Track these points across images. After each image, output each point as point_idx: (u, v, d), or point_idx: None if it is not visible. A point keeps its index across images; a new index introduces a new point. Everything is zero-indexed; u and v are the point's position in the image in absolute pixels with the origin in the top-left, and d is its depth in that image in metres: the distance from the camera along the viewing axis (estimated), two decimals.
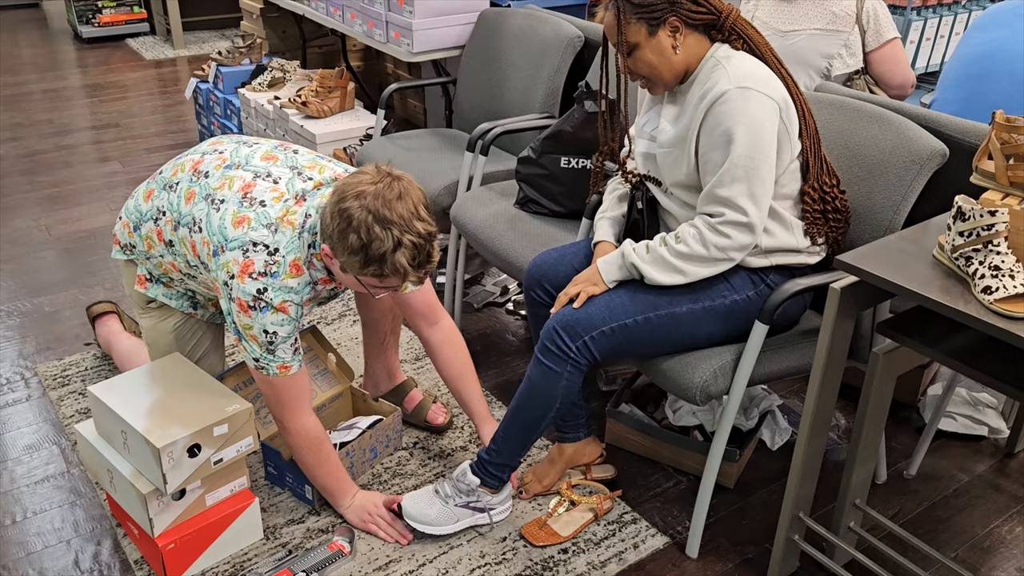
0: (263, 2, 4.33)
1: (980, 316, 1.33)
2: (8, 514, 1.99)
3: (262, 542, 1.91)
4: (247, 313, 1.70)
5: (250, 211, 1.71)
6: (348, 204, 1.60)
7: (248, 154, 1.83)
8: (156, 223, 1.85)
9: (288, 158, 1.83)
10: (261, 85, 3.76)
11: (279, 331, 1.72)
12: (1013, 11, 2.19)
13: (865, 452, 1.74)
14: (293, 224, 1.71)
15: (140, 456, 1.72)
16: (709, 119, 1.65)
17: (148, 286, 1.97)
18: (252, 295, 1.68)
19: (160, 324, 2.00)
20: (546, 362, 1.75)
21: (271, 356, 1.74)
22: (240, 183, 1.75)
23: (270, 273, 1.69)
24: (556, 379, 1.74)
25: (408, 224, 1.60)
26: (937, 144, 1.76)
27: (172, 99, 5.12)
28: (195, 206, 1.77)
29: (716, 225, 1.66)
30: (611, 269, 1.75)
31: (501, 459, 1.86)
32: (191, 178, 1.81)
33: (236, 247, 1.69)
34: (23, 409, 2.35)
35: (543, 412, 1.80)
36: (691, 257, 1.68)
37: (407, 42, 2.97)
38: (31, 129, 4.56)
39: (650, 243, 1.72)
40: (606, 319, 1.71)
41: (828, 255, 1.82)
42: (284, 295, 1.70)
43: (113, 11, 6.44)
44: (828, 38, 2.51)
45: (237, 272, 1.68)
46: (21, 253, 3.21)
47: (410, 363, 2.56)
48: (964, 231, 1.41)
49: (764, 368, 1.79)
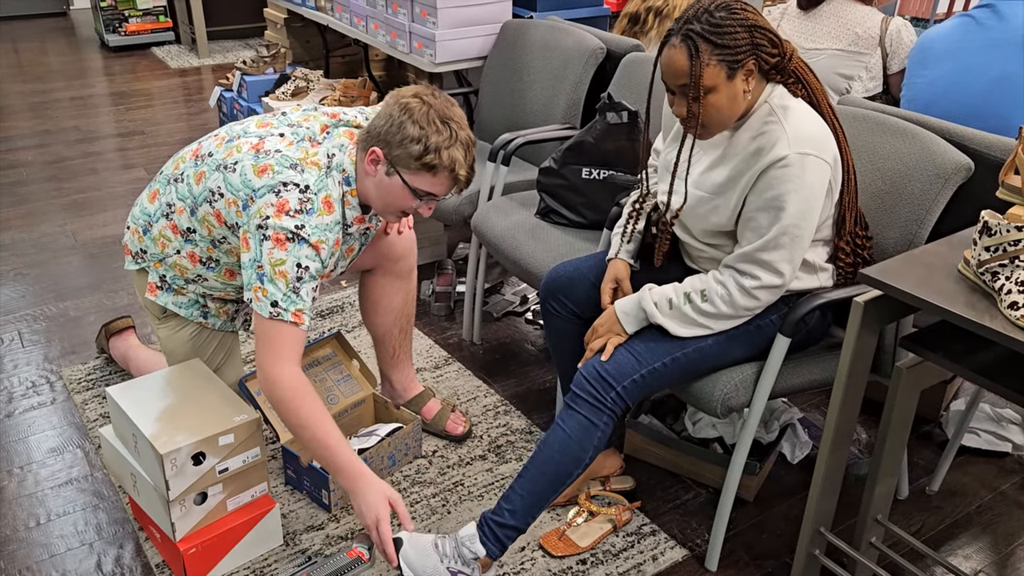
0: (287, 12, 4.37)
1: (1006, 332, 1.32)
2: (32, 516, 2.02)
3: (282, 548, 1.92)
4: (283, 246, 1.67)
5: (268, 159, 1.72)
6: (407, 99, 1.71)
7: (244, 127, 1.85)
8: (168, 218, 1.87)
9: (280, 120, 1.85)
10: (285, 94, 3.80)
11: (311, 265, 1.70)
12: (951, 41, 2.19)
13: (887, 467, 1.72)
14: (318, 164, 1.74)
15: (147, 460, 1.74)
16: (762, 181, 1.58)
17: (158, 294, 1.98)
18: (290, 230, 1.68)
19: (177, 334, 2.02)
20: (582, 412, 1.69)
21: (294, 296, 1.68)
22: (248, 145, 1.77)
23: (306, 210, 1.69)
24: (593, 430, 1.69)
25: (461, 124, 1.73)
26: (962, 158, 1.75)
27: (196, 107, 5.18)
28: (208, 180, 1.78)
29: (750, 289, 1.63)
30: (630, 320, 1.72)
31: (514, 521, 1.71)
32: (195, 163, 1.83)
33: (266, 191, 1.69)
34: (48, 412, 2.38)
35: (574, 467, 1.70)
36: (716, 316, 1.66)
37: (430, 53, 2.99)
38: (58, 136, 4.63)
39: (672, 298, 1.68)
40: (635, 367, 1.68)
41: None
42: (320, 233, 1.71)
43: (139, 20, 6.52)
44: (849, 59, 2.51)
45: (273, 213, 1.67)
46: (47, 258, 3.26)
47: (429, 371, 2.57)
48: (990, 246, 1.40)
49: (786, 381, 1.78)
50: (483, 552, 1.71)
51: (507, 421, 2.35)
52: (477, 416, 2.37)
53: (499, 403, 2.43)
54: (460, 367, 2.60)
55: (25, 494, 2.08)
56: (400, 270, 2.15)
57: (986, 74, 2.17)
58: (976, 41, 2.20)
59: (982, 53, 2.18)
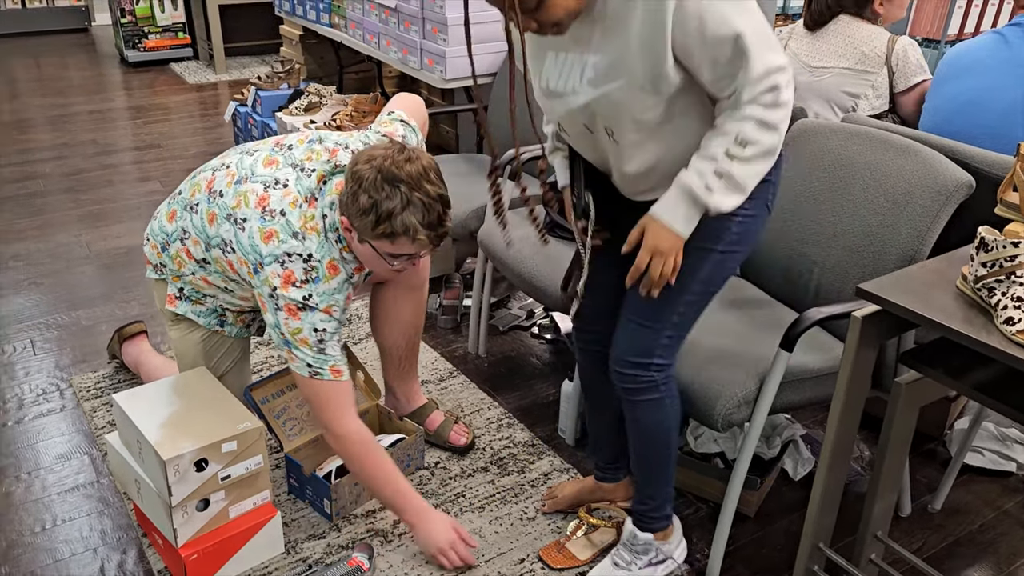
0: (303, 29, 4.44)
1: (1002, 347, 1.32)
2: (39, 521, 2.04)
3: (283, 556, 1.93)
4: (296, 316, 1.74)
5: (274, 223, 1.75)
6: (359, 167, 1.67)
7: (251, 164, 1.86)
8: (183, 243, 1.90)
9: (286, 157, 1.85)
10: (298, 109, 3.85)
11: (327, 327, 1.76)
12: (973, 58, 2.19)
13: (887, 483, 1.72)
14: (316, 229, 1.76)
15: (151, 466, 1.76)
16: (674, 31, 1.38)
17: (178, 304, 2.02)
18: (299, 300, 1.73)
19: (188, 336, 2.05)
20: (641, 398, 1.69)
21: (323, 356, 1.77)
22: (254, 197, 1.79)
23: (311, 279, 1.74)
24: (662, 405, 1.69)
25: (416, 183, 1.65)
26: (963, 175, 1.76)
27: (212, 121, 5.25)
28: (220, 227, 1.81)
29: (774, 101, 1.42)
30: (682, 220, 1.50)
31: (658, 500, 1.82)
32: (208, 199, 1.85)
33: (272, 261, 1.74)
34: (57, 419, 2.41)
35: (668, 442, 1.74)
36: (763, 153, 1.45)
37: (440, 69, 3.03)
38: (76, 149, 4.70)
39: (715, 168, 1.45)
40: (656, 333, 1.64)
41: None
42: (328, 298, 1.75)
43: (159, 36, 6.63)
44: (855, 78, 2.52)
45: (280, 284, 1.73)
46: (61, 268, 3.30)
47: (434, 383, 2.59)
48: (987, 262, 1.41)
49: (787, 397, 1.79)
50: (651, 536, 1.84)
51: (510, 434, 2.36)
52: (480, 428, 2.38)
53: (502, 416, 2.44)
54: (465, 380, 2.61)
55: (32, 499, 2.11)
56: (412, 282, 2.17)
57: (1006, 95, 2.16)
58: (1000, 60, 2.20)
59: (1005, 72, 2.17)
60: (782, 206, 2.07)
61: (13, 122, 5.14)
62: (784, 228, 2.06)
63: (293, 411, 2.14)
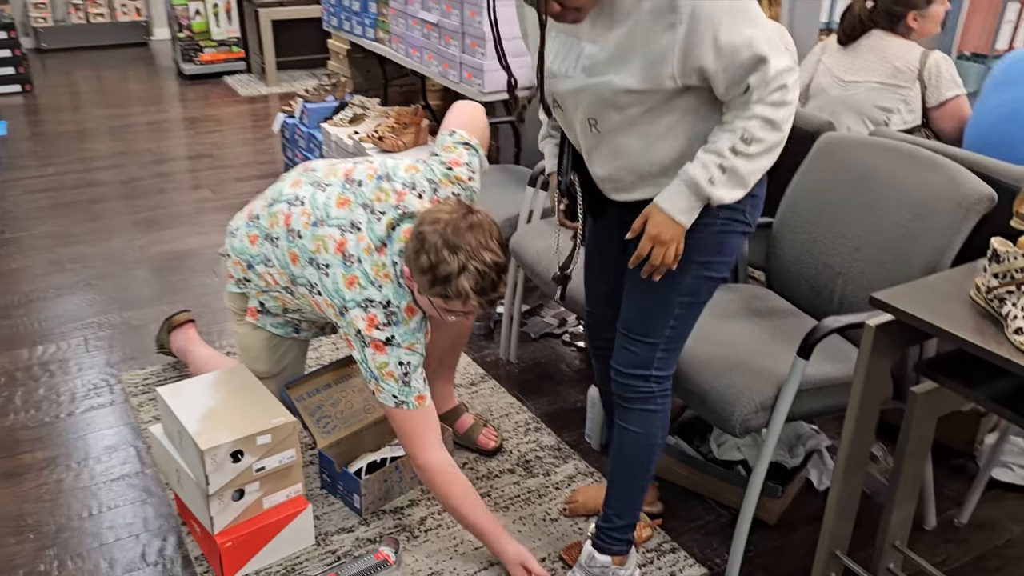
0: (350, 43, 4.57)
1: (1012, 357, 1.34)
2: (86, 507, 2.15)
3: (313, 547, 2.01)
4: (383, 351, 1.84)
5: (354, 270, 1.85)
6: (424, 228, 1.75)
7: (325, 203, 1.93)
8: (267, 266, 2.00)
9: (358, 195, 1.93)
10: (343, 120, 3.97)
11: (412, 360, 1.86)
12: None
13: (904, 493, 1.73)
14: (389, 276, 1.86)
15: (190, 455, 1.85)
16: (688, 43, 1.42)
17: (259, 317, 2.13)
18: (383, 340, 1.83)
19: (255, 332, 2.15)
20: (636, 407, 1.75)
21: (408, 388, 1.86)
22: (332, 243, 1.87)
23: (392, 322, 1.84)
24: (653, 416, 1.75)
25: (475, 251, 1.72)
26: (985, 188, 1.77)
27: (262, 132, 5.42)
28: (304, 269, 1.91)
29: (781, 99, 1.46)
30: (684, 211, 1.54)
31: (623, 520, 1.84)
32: (287, 236, 1.94)
33: (355, 306, 1.84)
34: (106, 413, 2.53)
35: (650, 453, 1.78)
36: (766, 150, 1.49)
37: (479, 82, 3.11)
38: (132, 157, 4.90)
39: (719, 163, 1.50)
40: (652, 347, 1.70)
41: None
42: (410, 337, 1.86)
43: (214, 50, 6.86)
44: (887, 92, 2.53)
45: (364, 327, 1.83)
46: (115, 270, 3.45)
47: (465, 387, 2.66)
48: (999, 273, 1.43)
49: (806, 405, 1.81)
50: (609, 559, 1.84)
51: (537, 438, 2.42)
52: (508, 432, 2.44)
53: (531, 420, 2.50)
54: (495, 384, 2.67)
55: (81, 487, 2.22)
56: None
57: None
58: None
59: None
60: (808, 218, 2.10)
61: (75, 132, 5.37)
62: (810, 240, 2.09)
63: (328, 409, 2.22)
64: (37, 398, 2.60)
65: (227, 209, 4.12)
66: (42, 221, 3.96)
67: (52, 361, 2.80)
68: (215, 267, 3.49)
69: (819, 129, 2.22)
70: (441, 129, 2.11)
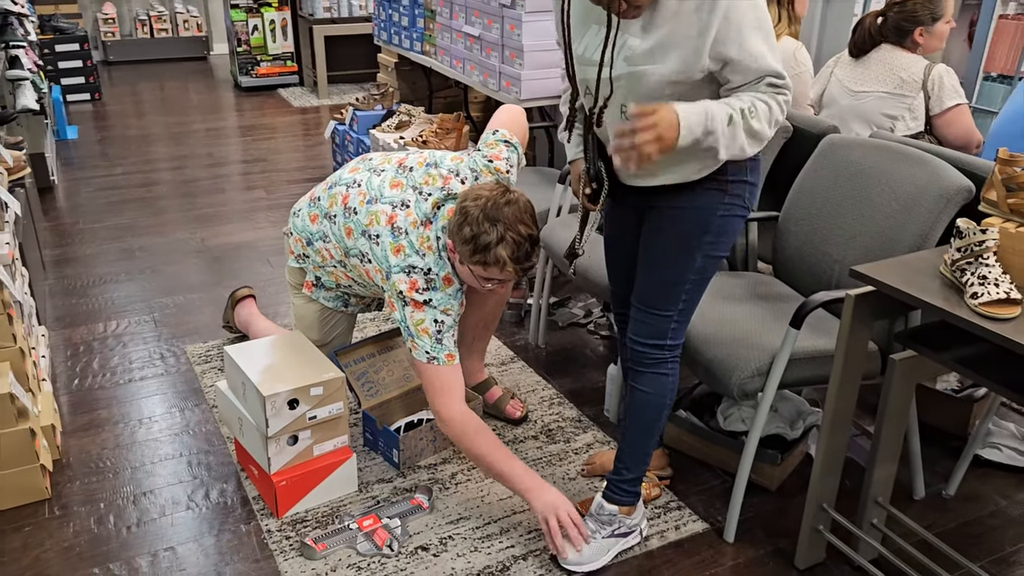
0: (398, 56, 4.87)
1: (968, 317, 1.55)
2: (156, 454, 2.42)
3: (355, 493, 2.25)
4: (420, 309, 2.08)
5: (401, 240, 2.10)
6: (467, 204, 2.00)
7: (380, 184, 2.20)
8: (324, 242, 2.28)
9: (409, 178, 2.19)
10: (390, 127, 4.26)
11: (445, 320, 2.09)
12: None
13: (885, 453, 1.93)
14: (432, 249, 2.10)
15: (252, 403, 2.11)
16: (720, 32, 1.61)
17: (313, 290, 2.42)
18: (422, 301, 2.08)
19: (309, 304, 2.44)
20: (650, 371, 1.93)
21: (440, 346, 2.09)
22: (384, 217, 2.13)
23: (431, 287, 2.08)
24: (665, 380, 1.94)
25: (511, 224, 1.97)
26: (964, 181, 1.97)
27: (313, 140, 5.75)
28: (357, 241, 2.17)
29: (783, 103, 1.66)
30: (690, 134, 1.61)
31: (632, 474, 2.02)
32: (344, 213, 2.21)
33: (399, 271, 2.09)
34: (173, 378, 2.81)
35: (659, 412, 1.96)
36: (756, 136, 1.67)
37: (516, 90, 3.37)
38: (193, 160, 5.25)
39: (732, 113, 1.64)
40: (666, 320, 1.89)
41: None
42: (446, 302, 2.10)
43: (269, 64, 7.24)
44: (893, 101, 2.73)
45: (406, 289, 2.08)
46: (178, 258, 3.77)
47: (496, 366, 2.89)
48: (961, 247, 1.63)
49: (798, 373, 2.01)
50: (616, 509, 2.02)
51: (560, 411, 2.64)
52: (533, 405, 2.67)
53: (555, 396, 2.72)
54: (524, 365, 2.91)
55: (151, 438, 2.50)
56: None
57: None
58: None
59: None
60: (810, 211, 2.31)
61: (141, 136, 5.75)
62: (811, 230, 2.30)
63: (371, 376, 2.48)
64: (112, 364, 2.89)
65: (279, 208, 4.43)
66: (112, 214, 4.31)
67: (124, 334, 3.10)
68: (269, 257, 3.78)
69: (824, 132, 2.43)
70: (487, 128, 2.36)
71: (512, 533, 2.12)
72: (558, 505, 2.01)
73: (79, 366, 2.88)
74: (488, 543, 2.09)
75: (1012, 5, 4.89)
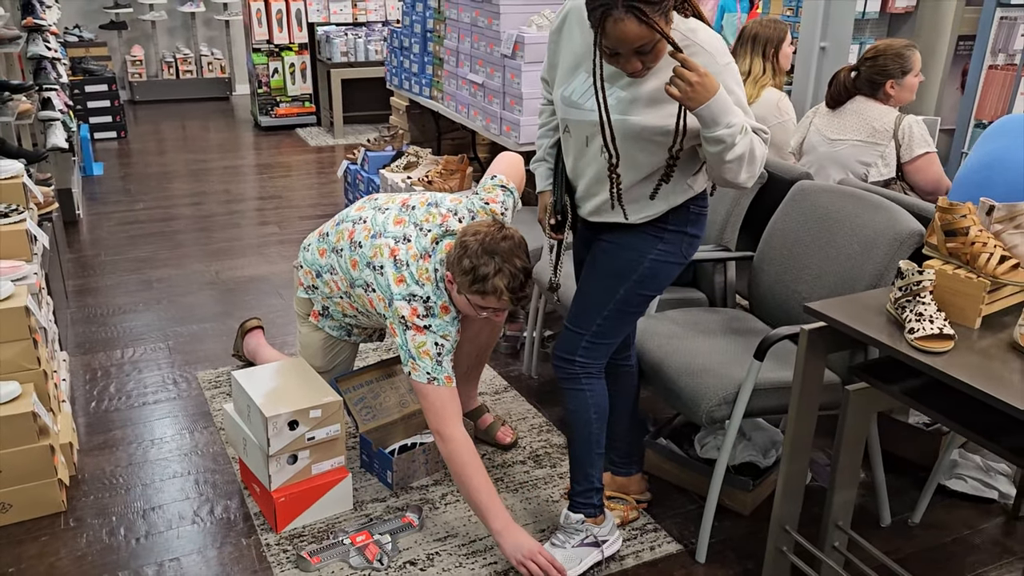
0: (408, 100, 5.10)
1: (904, 350, 1.69)
2: (166, 472, 2.58)
3: (351, 511, 2.40)
4: (422, 332, 2.23)
5: (403, 271, 2.27)
6: (466, 238, 2.17)
7: (384, 221, 2.37)
8: (332, 275, 2.45)
9: (411, 216, 2.36)
10: (398, 167, 4.46)
11: (444, 344, 2.24)
12: (1016, 123, 2.51)
13: (843, 478, 2.05)
14: (430, 280, 2.26)
15: (256, 423, 2.27)
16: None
17: (320, 319, 2.59)
18: (423, 326, 2.23)
19: (315, 333, 2.61)
20: (569, 387, 2.13)
21: (440, 367, 2.23)
22: (387, 250, 2.30)
23: (430, 314, 2.24)
24: (583, 395, 2.12)
25: (508, 257, 2.14)
26: (916, 225, 2.12)
27: (327, 178, 5.97)
28: (362, 272, 2.34)
29: (766, 142, 1.84)
30: (721, 98, 1.73)
31: (582, 485, 2.16)
32: (350, 247, 2.38)
33: (401, 298, 2.24)
34: (184, 402, 2.98)
35: (588, 426, 2.14)
36: (751, 162, 1.81)
37: (515, 135, 3.56)
38: (210, 196, 5.48)
39: (748, 127, 1.79)
40: (579, 336, 2.07)
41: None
42: (444, 328, 2.25)
43: (288, 105, 7.52)
44: (867, 148, 2.90)
45: (408, 314, 2.24)
46: (194, 289, 3.96)
47: (490, 395, 3.04)
48: (902, 287, 1.78)
49: (763, 402, 2.15)
50: (580, 517, 2.16)
51: (548, 438, 2.78)
52: (523, 432, 2.81)
53: (544, 424, 2.86)
54: (516, 394, 3.06)
55: (161, 458, 2.66)
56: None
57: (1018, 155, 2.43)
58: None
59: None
60: (782, 252, 2.46)
61: (161, 173, 6.00)
62: (782, 270, 2.45)
63: (369, 401, 2.63)
64: (128, 388, 3.07)
65: (291, 243, 4.62)
66: (132, 247, 4.52)
67: (140, 360, 3.28)
68: (280, 290, 3.96)
69: (796, 178, 2.59)
70: (486, 174, 2.55)
71: (495, 551, 2.25)
72: (527, 547, 2.10)
73: (96, 389, 3.06)
74: (472, 559, 2.23)
75: (1001, 56, 5.07)
